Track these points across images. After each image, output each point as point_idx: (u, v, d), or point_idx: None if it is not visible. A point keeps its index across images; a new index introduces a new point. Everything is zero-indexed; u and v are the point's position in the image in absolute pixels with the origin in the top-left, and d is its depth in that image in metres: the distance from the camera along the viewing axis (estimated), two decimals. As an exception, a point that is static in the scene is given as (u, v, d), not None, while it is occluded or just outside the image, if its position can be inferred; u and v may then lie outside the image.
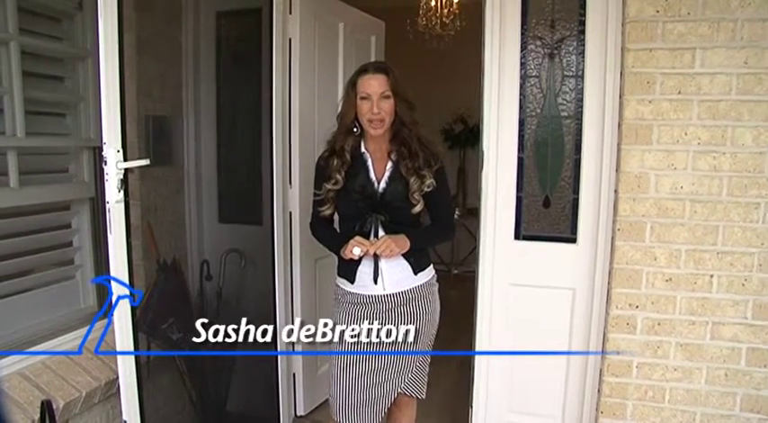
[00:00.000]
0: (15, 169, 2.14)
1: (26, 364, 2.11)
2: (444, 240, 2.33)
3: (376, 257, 2.05)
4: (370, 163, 2.10)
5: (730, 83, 2.18)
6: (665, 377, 2.36)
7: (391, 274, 2.08)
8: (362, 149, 2.11)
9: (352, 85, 2.07)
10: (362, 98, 2.02)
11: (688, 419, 2.37)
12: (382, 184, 2.07)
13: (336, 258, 2.20)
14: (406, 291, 2.10)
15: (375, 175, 2.09)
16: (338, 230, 2.19)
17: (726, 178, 2.22)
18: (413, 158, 2.05)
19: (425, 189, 2.04)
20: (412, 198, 2.03)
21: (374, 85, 2.01)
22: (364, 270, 2.08)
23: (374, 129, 2.03)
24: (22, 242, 2.27)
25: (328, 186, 2.07)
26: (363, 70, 2.08)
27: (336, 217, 2.18)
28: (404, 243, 2.03)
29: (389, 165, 2.09)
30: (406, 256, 2.08)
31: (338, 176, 2.06)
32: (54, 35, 2.38)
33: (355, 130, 2.09)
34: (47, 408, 1.85)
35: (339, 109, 2.16)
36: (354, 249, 1.99)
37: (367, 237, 2.05)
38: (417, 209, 2.05)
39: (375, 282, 2.07)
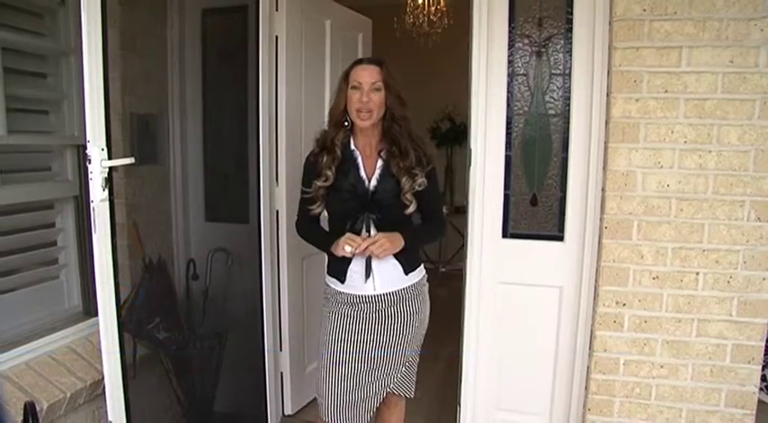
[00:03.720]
0: (-3, 168, 2.11)
1: (9, 366, 2.07)
2: (436, 238, 2.31)
3: (368, 256, 2.04)
4: (360, 160, 2.07)
5: (716, 82, 2.19)
6: (652, 374, 2.38)
7: (382, 273, 2.07)
8: (352, 146, 2.09)
9: (345, 76, 2.06)
10: (353, 87, 2.01)
11: (674, 416, 2.39)
12: (373, 182, 2.05)
13: (325, 257, 2.19)
14: (396, 291, 2.09)
15: (365, 172, 2.07)
16: (326, 230, 2.18)
17: (711, 176, 2.24)
18: (403, 157, 2.03)
19: (417, 188, 2.02)
20: (404, 198, 2.01)
21: (365, 74, 2.00)
22: (355, 270, 2.07)
23: (362, 120, 2.01)
24: (6, 241, 2.23)
25: (318, 183, 2.04)
26: (358, 61, 2.08)
27: (324, 215, 2.16)
28: (398, 242, 2.01)
29: (380, 163, 2.07)
30: (397, 255, 2.06)
31: (329, 173, 2.04)
32: (36, 31, 2.35)
33: (346, 123, 2.07)
34: (30, 410, 1.82)
35: (330, 102, 2.14)
36: (346, 247, 1.97)
37: (358, 235, 2.03)
38: (411, 209, 2.03)
39: (366, 280, 2.06)
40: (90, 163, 1.77)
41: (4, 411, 1.84)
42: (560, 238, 2.52)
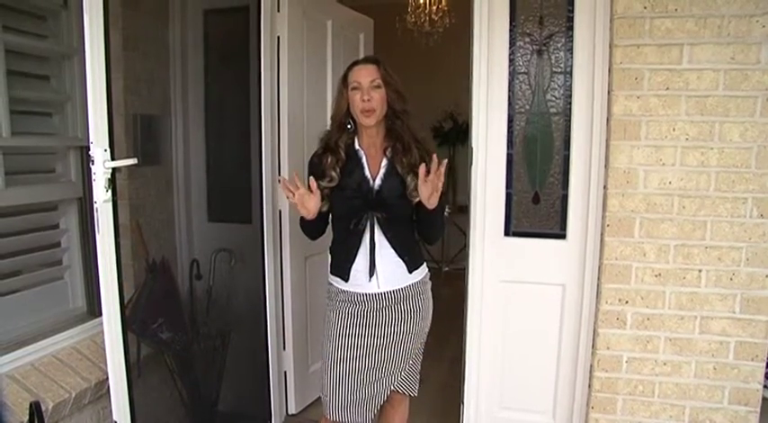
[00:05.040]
0: (1, 169, 2.12)
1: (14, 366, 2.09)
2: (438, 234, 2.22)
3: (372, 254, 2.05)
4: (364, 160, 2.08)
5: (717, 79, 2.19)
6: (655, 371, 2.38)
7: (386, 272, 2.07)
8: (356, 146, 2.10)
9: (343, 79, 2.08)
10: (354, 88, 2.02)
11: (677, 413, 2.39)
12: (378, 181, 2.06)
13: (328, 256, 2.20)
14: (400, 289, 2.10)
15: (370, 172, 2.07)
16: (332, 229, 2.18)
17: (713, 173, 2.24)
18: (407, 154, 2.04)
19: None
20: (410, 196, 2.02)
21: (364, 73, 2.02)
22: (358, 268, 2.08)
23: (366, 119, 2.02)
24: (10, 243, 2.24)
25: (323, 184, 2.04)
26: (354, 63, 2.10)
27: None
28: (436, 196, 1.95)
29: (384, 162, 2.08)
30: (400, 254, 2.08)
31: (333, 173, 2.05)
32: (39, 33, 2.36)
33: (349, 126, 2.08)
34: (35, 409, 1.83)
35: (332, 106, 2.16)
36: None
37: (362, 235, 2.04)
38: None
39: (370, 278, 2.06)
40: (93, 164, 1.78)
41: (5, 409, 1.85)
42: (563, 237, 2.52)
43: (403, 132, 2.06)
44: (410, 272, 2.11)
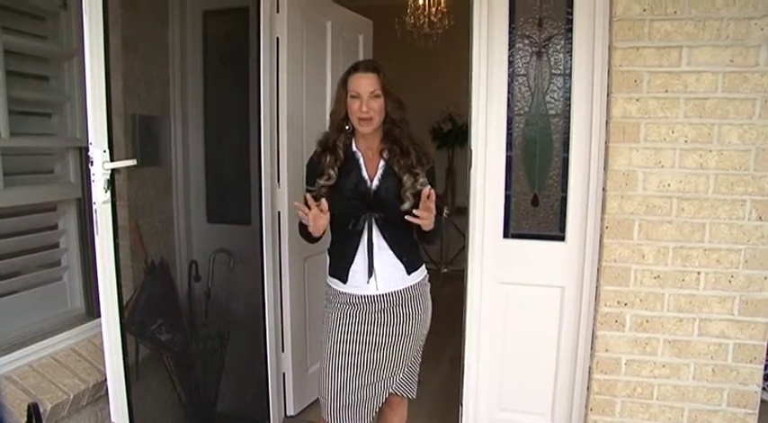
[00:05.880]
0: (0, 170, 2.11)
1: (12, 368, 2.08)
2: (436, 238, 2.22)
3: (370, 255, 2.05)
4: (362, 161, 2.08)
5: (716, 81, 2.19)
6: (654, 374, 2.38)
7: (384, 274, 2.07)
8: (354, 148, 2.10)
9: (342, 83, 2.07)
10: (353, 96, 2.02)
11: (676, 415, 2.39)
12: (375, 182, 2.06)
13: (327, 257, 2.20)
14: (398, 291, 2.10)
15: (367, 172, 2.07)
16: (330, 231, 2.18)
17: (712, 176, 2.24)
18: (405, 156, 2.04)
19: (418, 187, 2.02)
20: (405, 196, 2.01)
21: (364, 84, 2.01)
22: (357, 270, 2.08)
23: (363, 127, 2.03)
24: (8, 244, 2.24)
25: (321, 182, 2.05)
26: (354, 69, 2.08)
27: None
28: (431, 219, 1.97)
29: (381, 163, 2.08)
30: (398, 255, 2.08)
31: (331, 172, 2.05)
32: (38, 34, 2.35)
33: (347, 127, 2.08)
34: (33, 411, 1.83)
35: (330, 107, 2.16)
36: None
37: (360, 235, 2.05)
38: (406, 206, 1.99)
39: (368, 280, 2.06)
40: (92, 165, 1.78)
41: (5, 411, 1.85)
42: (561, 238, 2.53)
43: (401, 138, 2.06)
44: (409, 273, 2.11)
